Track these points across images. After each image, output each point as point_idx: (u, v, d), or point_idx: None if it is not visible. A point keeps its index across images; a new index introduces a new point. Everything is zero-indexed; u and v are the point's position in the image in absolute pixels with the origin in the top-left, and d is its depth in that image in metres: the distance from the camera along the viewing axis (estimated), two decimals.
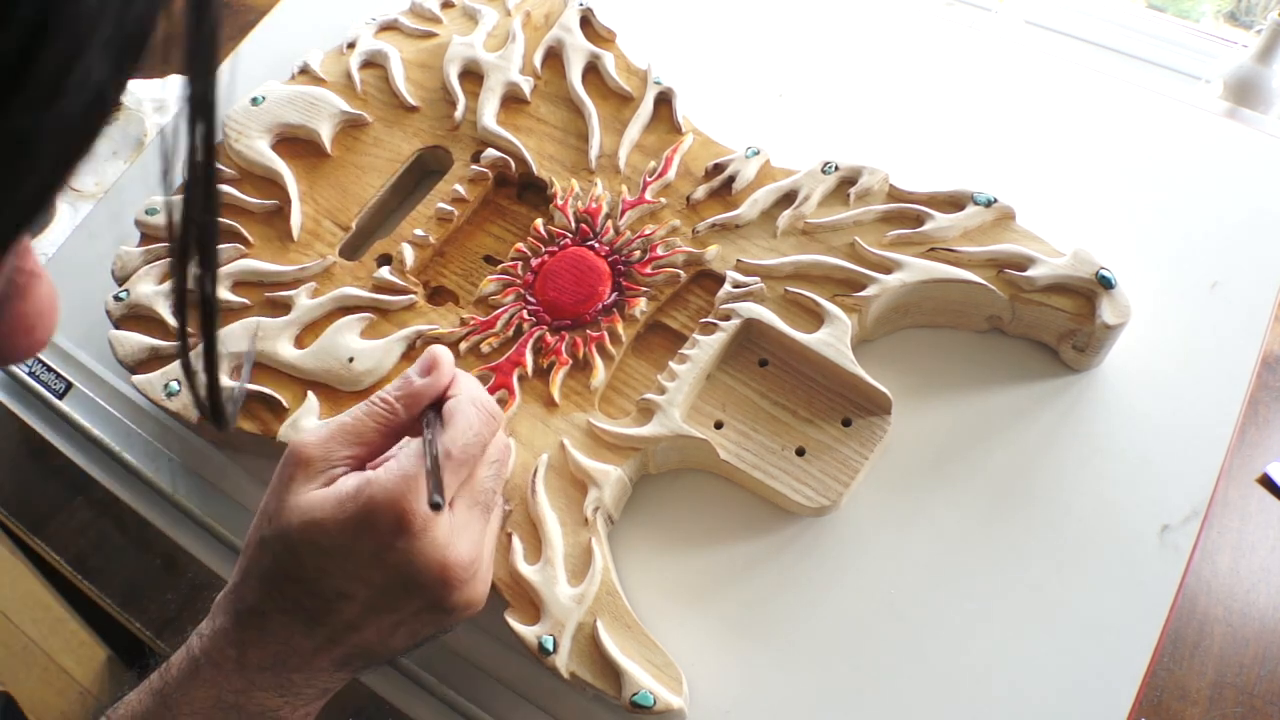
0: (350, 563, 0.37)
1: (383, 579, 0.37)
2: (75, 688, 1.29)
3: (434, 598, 0.38)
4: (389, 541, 0.36)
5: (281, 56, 0.64)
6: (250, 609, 0.38)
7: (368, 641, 0.39)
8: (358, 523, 0.36)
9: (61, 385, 0.58)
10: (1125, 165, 0.54)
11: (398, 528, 0.36)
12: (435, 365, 0.41)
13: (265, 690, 0.38)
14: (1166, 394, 0.47)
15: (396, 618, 0.38)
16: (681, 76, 0.56)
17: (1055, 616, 0.43)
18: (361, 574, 0.37)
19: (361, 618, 0.38)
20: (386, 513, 0.36)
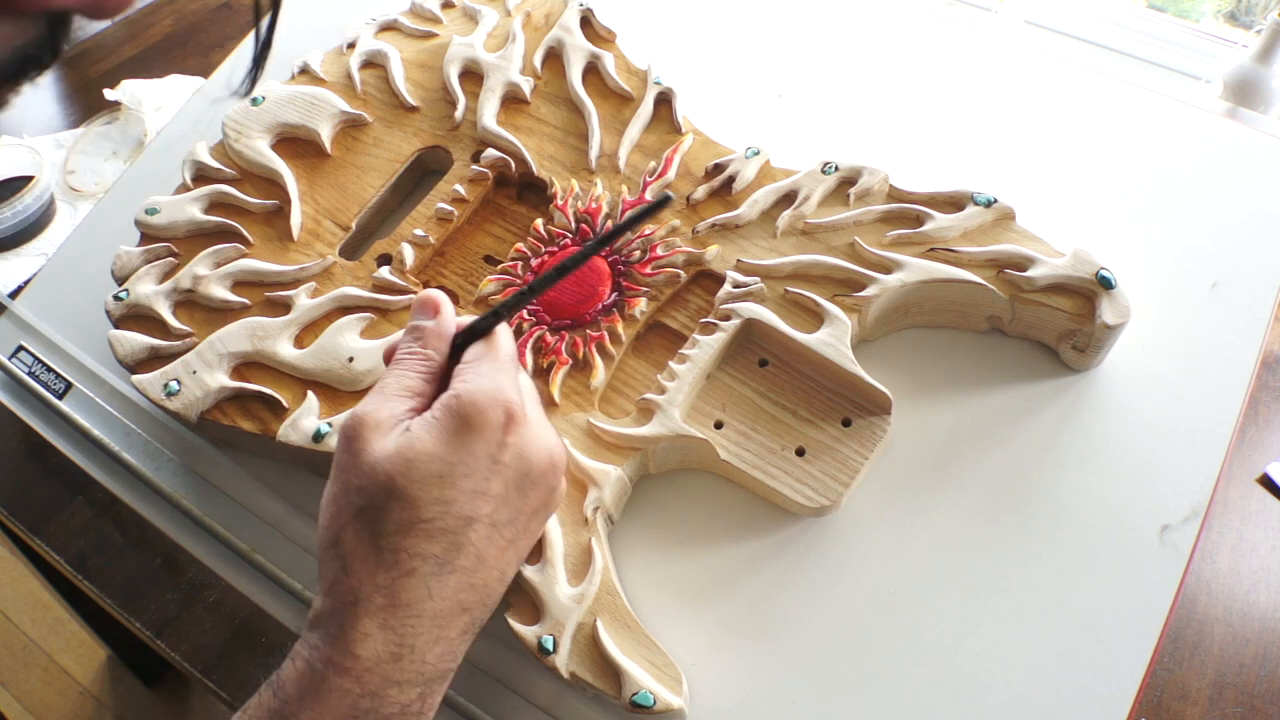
0: (470, 478, 0.35)
1: (502, 484, 0.36)
2: (75, 688, 1.29)
3: (547, 491, 0.37)
4: (502, 438, 0.35)
5: (281, 56, 0.64)
6: (373, 588, 0.34)
7: (493, 578, 0.36)
8: (466, 433, 0.35)
9: (61, 385, 0.58)
10: (1125, 165, 0.54)
11: (507, 421, 0.35)
12: (436, 305, 0.40)
13: (401, 686, 0.34)
14: (1166, 394, 0.47)
15: (513, 531, 0.36)
16: (681, 76, 0.56)
17: (1055, 616, 0.43)
18: (483, 486, 0.35)
19: (488, 540, 0.35)
20: (492, 411, 0.35)
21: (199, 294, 0.53)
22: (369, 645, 0.34)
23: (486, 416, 0.35)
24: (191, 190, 0.57)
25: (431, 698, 0.36)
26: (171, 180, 0.58)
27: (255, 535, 0.52)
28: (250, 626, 0.51)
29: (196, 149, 0.58)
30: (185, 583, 0.54)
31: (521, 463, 0.36)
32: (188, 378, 0.50)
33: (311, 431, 0.48)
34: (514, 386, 0.36)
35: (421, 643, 0.34)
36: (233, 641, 0.51)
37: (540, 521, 0.38)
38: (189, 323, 0.53)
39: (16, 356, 0.60)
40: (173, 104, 0.96)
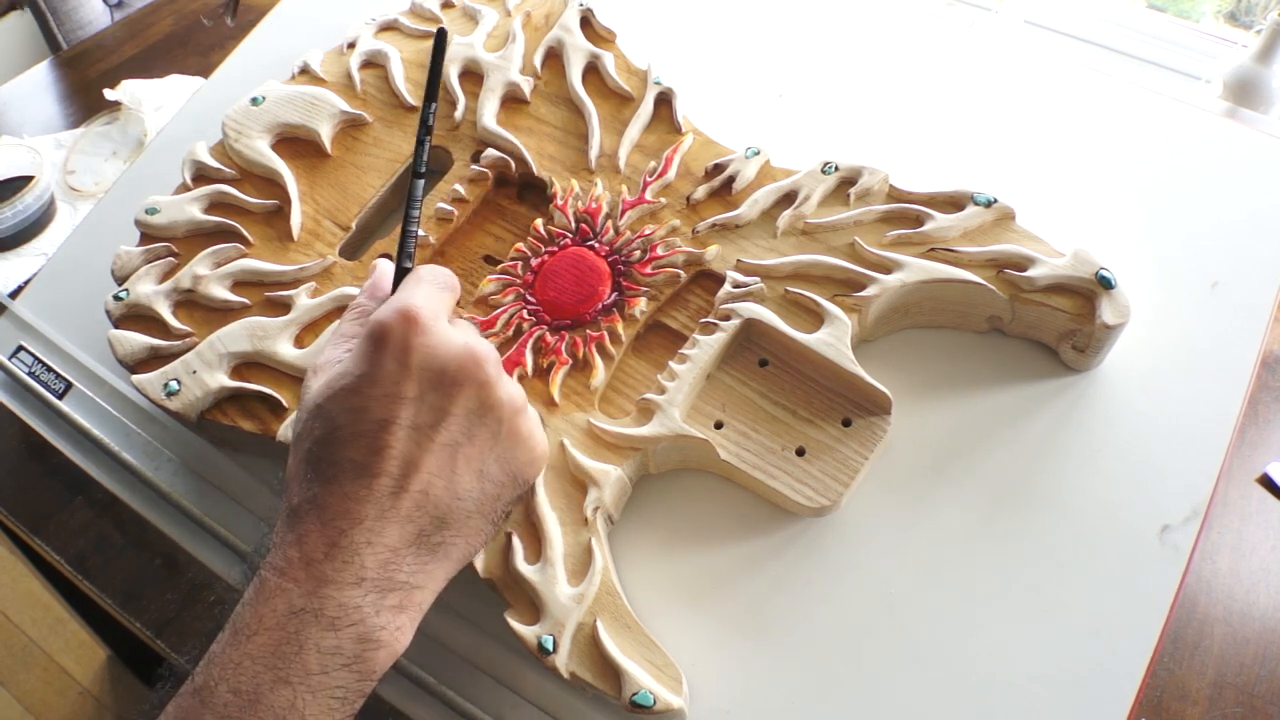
0: (380, 385, 0.36)
1: (415, 386, 0.36)
2: (75, 688, 1.29)
3: (473, 385, 0.37)
4: (407, 343, 0.36)
5: (281, 56, 0.64)
6: (302, 500, 0.36)
7: (432, 487, 0.36)
8: (373, 345, 0.37)
9: (61, 385, 0.58)
10: (1125, 165, 0.54)
11: (409, 327, 0.37)
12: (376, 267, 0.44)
13: (337, 583, 0.34)
14: (1166, 394, 0.47)
15: (447, 435, 0.37)
16: (681, 76, 0.56)
17: (1055, 616, 0.43)
18: (394, 390, 0.36)
19: (412, 445, 0.36)
20: (395, 321, 0.37)
21: (199, 294, 0.53)
22: (301, 547, 0.35)
23: (389, 329, 0.37)
24: (191, 190, 0.57)
25: (387, 612, 0.35)
26: (171, 180, 0.58)
27: (255, 535, 0.52)
28: None
29: (196, 149, 0.58)
30: (185, 583, 0.54)
31: (436, 361, 0.37)
32: (188, 378, 0.50)
33: None
34: (423, 298, 0.38)
35: (353, 544, 0.35)
36: None
37: (487, 430, 0.38)
38: (189, 323, 0.53)
39: (16, 356, 0.60)
40: (173, 104, 0.96)
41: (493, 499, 0.39)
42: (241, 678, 0.34)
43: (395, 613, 0.36)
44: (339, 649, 0.34)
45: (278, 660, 0.34)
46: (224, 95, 0.64)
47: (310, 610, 0.34)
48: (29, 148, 0.94)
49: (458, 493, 0.37)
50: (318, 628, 0.34)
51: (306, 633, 0.34)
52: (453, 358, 0.37)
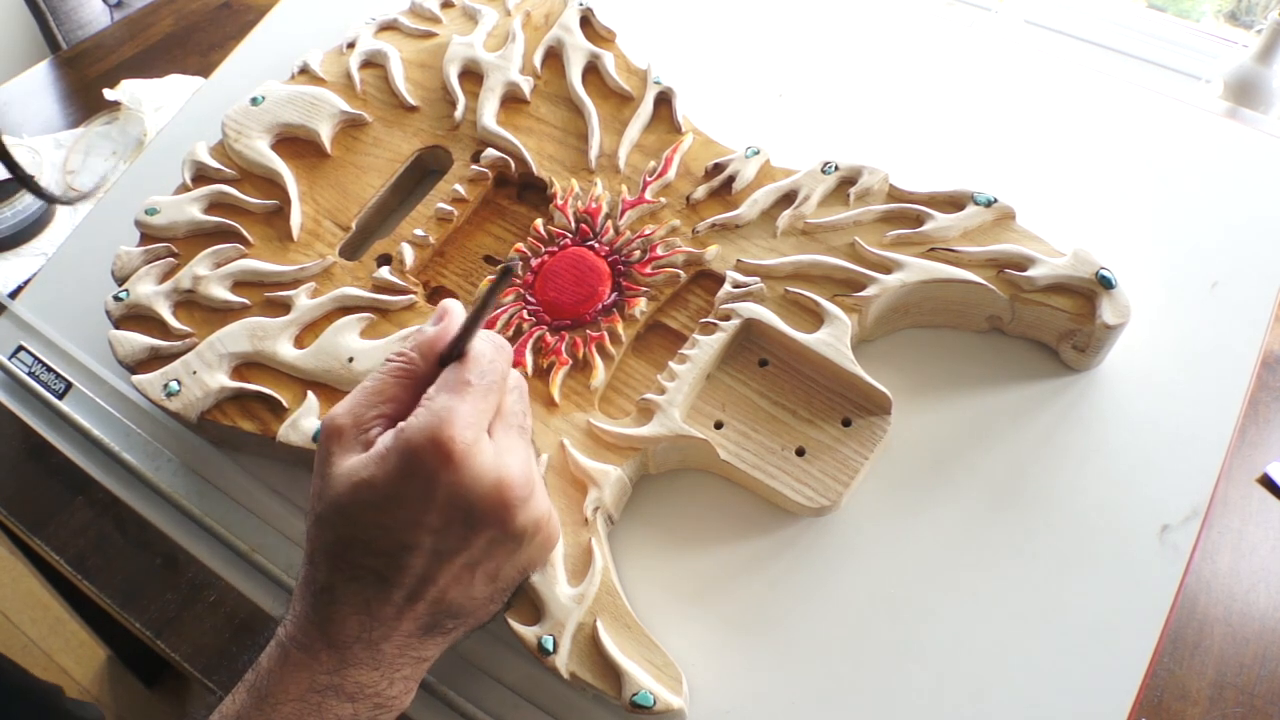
0: (405, 510, 0.36)
1: (441, 518, 0.37)
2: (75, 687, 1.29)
3: (497, 522, 0.37)
4: (436, 476, 0.36)
5: (281, 56, 0.64)
6: (324, 587, 0.38)
7: (448, 594, 0.38)
8: (402, 468, 0.36)
9: (61, 385, 0.58)
10: (1125, 165, 0.54)
11: (440, 460, 0.36)
12: (446, 313, 0.41)
13: (358, 666, 0.37)
14: (1166, 394, 0.47)
15: (467, 558, 0.38)
16: (681, 76, 0.56)
17: (1055, 616, 0.43)
18: (419, 518, 0.36)
19: (432, 566, 0.37)
20: (426, 449, 0.36)
21: (199, 294, 0.53)
22: (324, 630, 0.38)
23: (420, 455, 0.36)
24: (191, 190, 0.57)
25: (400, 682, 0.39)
26: (171, 180, 0.58)
27: (255, 535, 0.52)
28: (250, 626, 0.51)
29: (196, 149, 0.58)
30: (185, 583, 0.54)
31: (462, 499, 0.37)
32: (188, 378, 0.50)
33: (312, 432, 0.48)
34: (464, 418, 0.37)
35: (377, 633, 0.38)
36: (233, 641, 0.51)
37: (511, 549, 0.39)
38: (189, 323, 0.53)
39: (16, 356, 0.60)
40: (172, 104, 0.96)
41: (504, 591, 0.42)
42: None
43: (406, 681, 0.39)
44: (356, 715, 0.38)
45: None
46: (224, 95, 0.64)
47: (332, 687, 0.37)
48: (29, 148, 0.94)
49: (472, 595, 0.40)
50: (338, 700, 0.37)
51: (328, 704, 0.37)
52: (481, 497, 0.37)
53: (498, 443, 0.38)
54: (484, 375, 0.38)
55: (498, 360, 0.39)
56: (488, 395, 0.38)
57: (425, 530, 0.37)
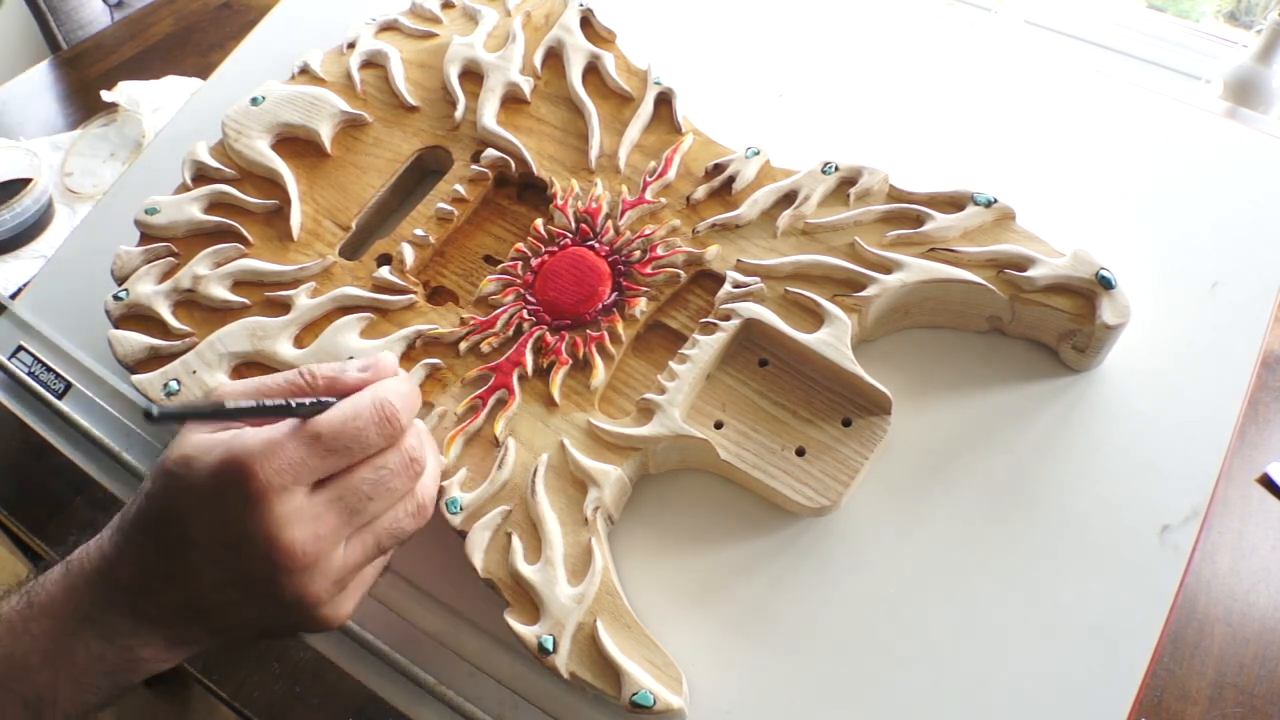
0: (199, 508, 0.37)
1: (218, 533, 0.37)
2: None
3: (261, 573, 0.37)
4: (231, 498, 0.36)
5: (281, 56, 0.64)
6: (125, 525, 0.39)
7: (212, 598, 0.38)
8: (212, 470, 0.36)
9: (61, 385, 0.58)
10: (1125, 165, 0.54)
11: (238, 487, 0.36)
12: (375, 364, 0.41)
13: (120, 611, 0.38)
14: (1166, 394, 0.47)
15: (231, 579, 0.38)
16: (681, 76, 0.56)
17: (1055, 616, 0.43)
18: (204, 521, 0.37)
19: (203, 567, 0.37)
20: (234, 468, 0.36)
21: (199, 294, 0.53)
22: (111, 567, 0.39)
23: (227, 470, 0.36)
24: (191, 190, 0.57)
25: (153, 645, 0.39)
26: (171, 180, 0.58)
27: None
28: None
29: (196, 149, 0.58)
30: None
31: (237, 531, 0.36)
32: (188, 378, 0.50)
33: None
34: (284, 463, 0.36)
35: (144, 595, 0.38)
36: None
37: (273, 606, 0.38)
38: (189, 323, 0.53)
39: (16, 356, 0.60)
40: (170, 105, 0.96)
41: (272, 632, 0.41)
42: (17, 649, 0.38)
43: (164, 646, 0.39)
44: (103, 656, 0.38)
45: (52, 645, 0.38)
46: (224, 95, 0.64)
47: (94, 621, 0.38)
48: (26, 150, 0.94)
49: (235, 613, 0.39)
50: (92, 633, 0.38)
51: (83, 632, 0.38)
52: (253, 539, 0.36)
53: (307, 505, 0.37)
54: (338, 438, 0.37)
55: (369, 430, 0.38)
56: (327, 456, 0.37)
57: (206, 535, 0.37)
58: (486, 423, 0.47)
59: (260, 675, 0.50)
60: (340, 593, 0.39)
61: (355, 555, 0.39)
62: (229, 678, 0.50)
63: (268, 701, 0.49)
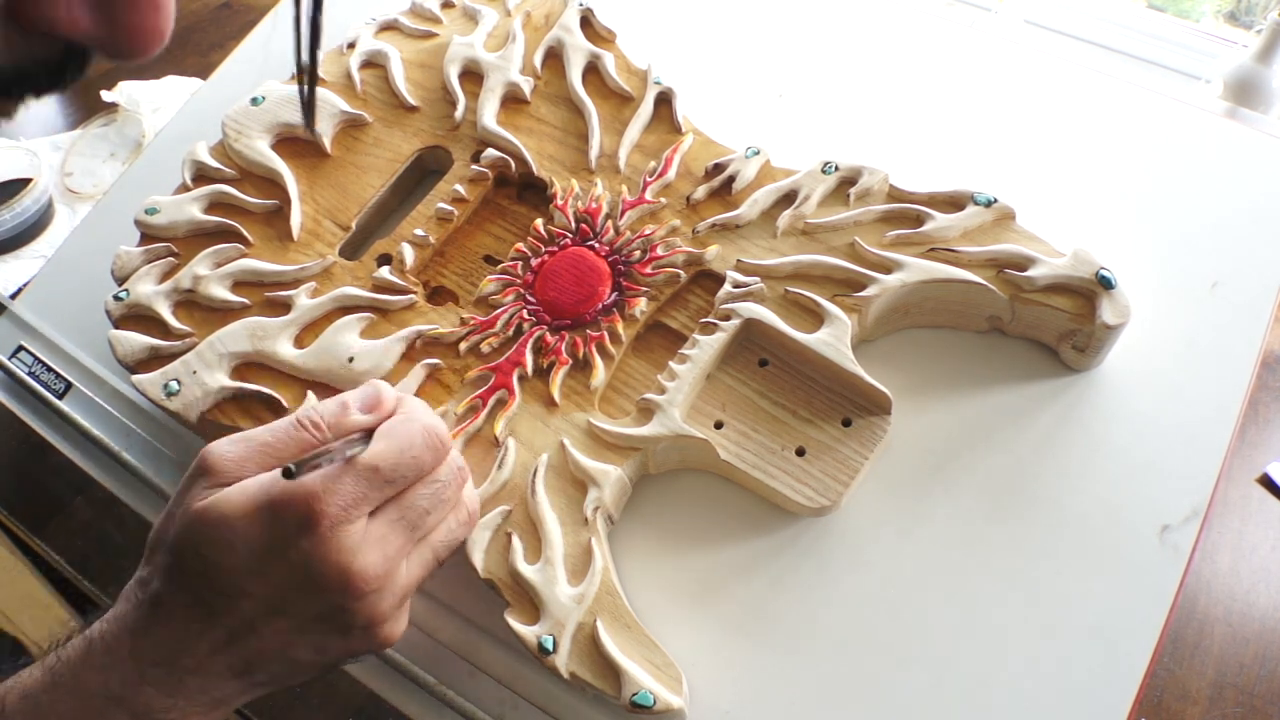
0: (252, 557, 0.36)
1: (282, 577, 0.36)
2: None
3: (334, 604, 0.37)
4: (293, 538, 0.36)
5: (281, 56, 0.63)
6: (152, 597, 0.38)
7: (267, 648, 0.38)
8: (264, 516, 0.36)
9: (61, 385, 0.58)
10: (1125, 165, 0.54)
11: (304, 525, 0.36)
12: (378, 402, 0.41)
13: (154, 686, 0.37)
14: (1166, 394, 0.47)
15: (296, 622, 0.37)
16: (681, 76, 0.56)
17: (1055, 616, 0.43)
18: (261, 569, 0.36)
19: (260, 618, 0.37)
20: (295, 508, 0.36)
21: (199, 294, 0.53)
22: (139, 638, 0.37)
23: (286, 511, 0.36)
24: (191, 190, 0.57)
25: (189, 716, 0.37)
26: (171, 180, 0.58)
27: None
28: None
29: (196, 149, 0.58)
30: None
31: (307, 569, 0.36)
32: (188, 378, 0.50)
33: None
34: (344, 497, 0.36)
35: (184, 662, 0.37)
36: None
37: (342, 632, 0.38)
38: (189, 323, 0.53)
39: (16, 356, 0.60)
40: (169, 105, 0.96)
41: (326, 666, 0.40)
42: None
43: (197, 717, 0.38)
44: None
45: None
46: (224, 95, 0.64)
47: (121, 699, 0.37)
48: (26, 150, 0.94)
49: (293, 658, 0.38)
50: (119, 712, 0.37)
51: (109, 712, 0.36)
52: (326, 574, 0.36)
53: (373, 528, 0.37)
54: (397, 469, 0.38)
55: (423, 455, 0.39)
56: (385, 487, 0.38)
57: (264, 581, 0.37)
58: (486, 423, 0.47)
59: None
60: (402, 609, 0.40)
61: (416, 570, 0.40)
62: None
63: (268, 701, 0.49)
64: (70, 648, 0.38)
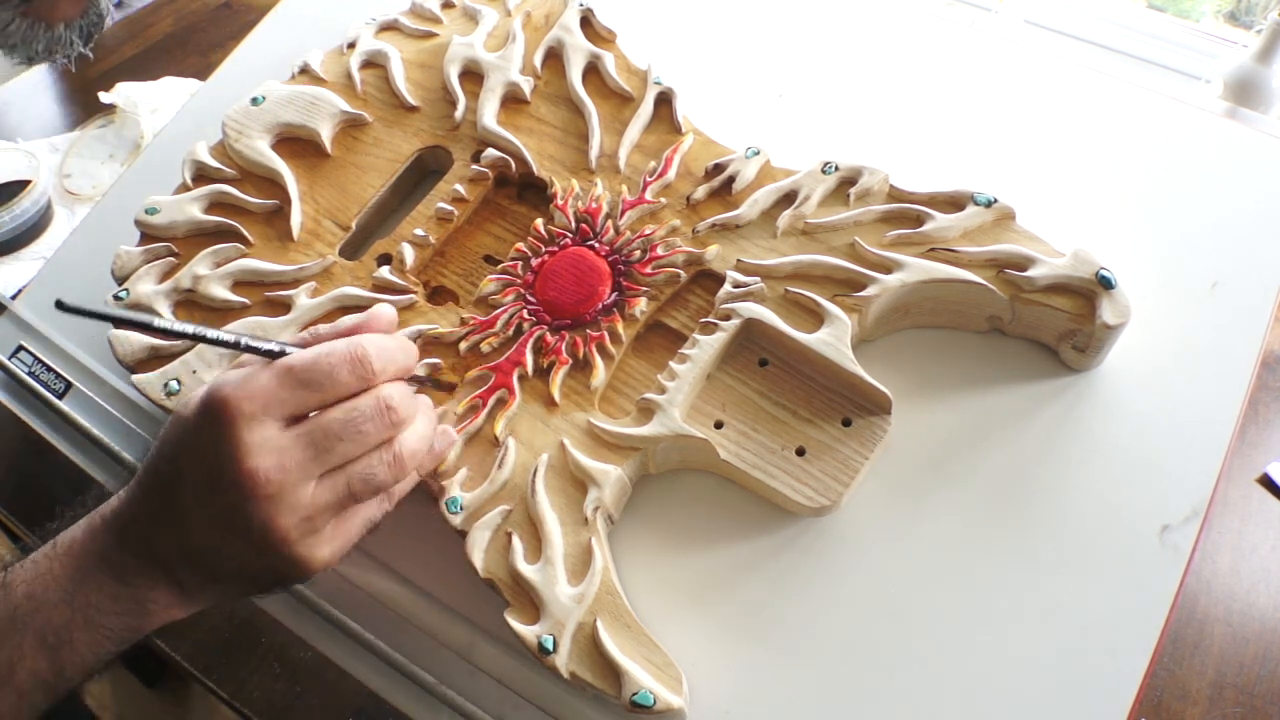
0: (184, 446, 0.39)
1: (201, 466, 0.38)
2: None
3: (233, 501, 0.38)
4: (208, 428, 0.38)
5: (281, 56, 0.64)
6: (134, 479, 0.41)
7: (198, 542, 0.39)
8: (198, 403, 0.39)
9: (61, 385, 0.58)
10: (1125, 165, 0.54)
11: (218, 417, 0.38)
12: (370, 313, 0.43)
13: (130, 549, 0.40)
14: (1166, 394, 0.47)
15: (211, 517, 0.39)
16: (681, 76, 0.56)
17: (1055, 616, 0.43)
18: (190, 458, 0.39)
19: (190, 508, 0.39)
20: (214, 399, 0.38)
21: (199, 293, 0.53)
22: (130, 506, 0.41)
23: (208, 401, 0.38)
24: (191, 190, 0.57)
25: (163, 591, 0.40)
26: (171, 180, 0.58)
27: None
28: (250, 626, 0.51)
29: (196, 149, 0.58)
30: None
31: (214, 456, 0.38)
32: (188, 377, 0.50)
33: None
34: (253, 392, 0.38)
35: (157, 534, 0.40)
36: (233, 641, 0.51)
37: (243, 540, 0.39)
38: (189, 322, 0.53)
39: (16, 356, 0.60)
40: (168, 106, 0.96)
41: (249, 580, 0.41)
42: (38, 585, 0.40)
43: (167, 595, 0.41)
44: (116, 597, 0.40)
45: (70, 583, 0.39)
46: (224, 95, 0.64)
47: (107, 559, 0.40)
48: (25, 152, 0.94)
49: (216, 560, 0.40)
50: (108, 573, 0.40)
51: (98, 572, 0.40)
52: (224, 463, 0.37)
53: (275, 437, 0.38)
54: (309, 371, 0.39)
55: (340, 369, 0.39)
56: (297, 388, 0.38)
57: (194, 471, 0.39)
58: (486, 422, 0.47)
59: (260, 675, 0.50)
60: (313, 535, 0.39)
61: (325, 495, 0.39)
62: (229, 678, 0.50)
63: (268, 701, 0.49)
64: (76, 524, 0.41)
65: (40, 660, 0.39)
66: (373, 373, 0.40)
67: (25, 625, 0.39)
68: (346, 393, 0.39)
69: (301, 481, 0.38)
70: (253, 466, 0.37)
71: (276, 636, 0.50)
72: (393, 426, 0.41)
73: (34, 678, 0.39)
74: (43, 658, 0.39)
